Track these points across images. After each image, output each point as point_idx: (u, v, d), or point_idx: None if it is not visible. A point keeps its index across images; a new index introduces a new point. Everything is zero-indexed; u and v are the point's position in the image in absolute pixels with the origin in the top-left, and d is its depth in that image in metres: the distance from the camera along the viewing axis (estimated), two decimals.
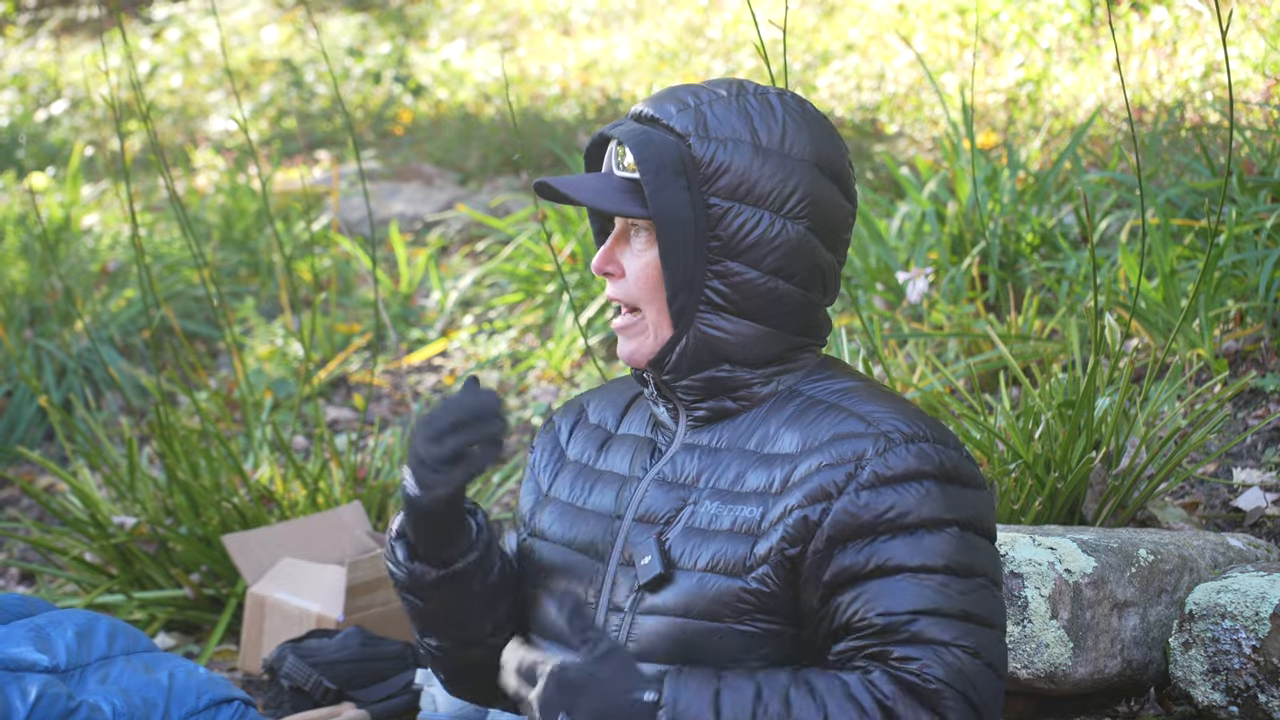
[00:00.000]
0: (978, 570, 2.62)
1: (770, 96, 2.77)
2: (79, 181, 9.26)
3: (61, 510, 5.37)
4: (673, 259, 2.73)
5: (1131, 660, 3.49)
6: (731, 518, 2.69)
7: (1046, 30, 8.96)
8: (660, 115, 2.76)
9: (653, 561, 2.71)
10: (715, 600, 2.67)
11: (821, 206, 2.75)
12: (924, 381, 5.00)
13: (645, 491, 2.80)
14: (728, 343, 2.75)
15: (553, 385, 6.71)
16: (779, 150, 2.73)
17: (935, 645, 2.54)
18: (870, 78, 9.42)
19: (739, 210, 2.71)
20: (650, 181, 2.71)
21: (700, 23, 11.29)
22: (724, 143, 2.71)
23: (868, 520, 2.60)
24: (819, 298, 2.78)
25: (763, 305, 2.73)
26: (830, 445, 2.66)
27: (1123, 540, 3.59)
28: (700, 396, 2.79)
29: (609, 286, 2.83)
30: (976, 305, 5.77)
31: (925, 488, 2.60)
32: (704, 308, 2.74)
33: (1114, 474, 4.14)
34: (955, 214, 6.16)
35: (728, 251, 2.72)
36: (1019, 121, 8.00)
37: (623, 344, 2.83)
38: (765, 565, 2.63)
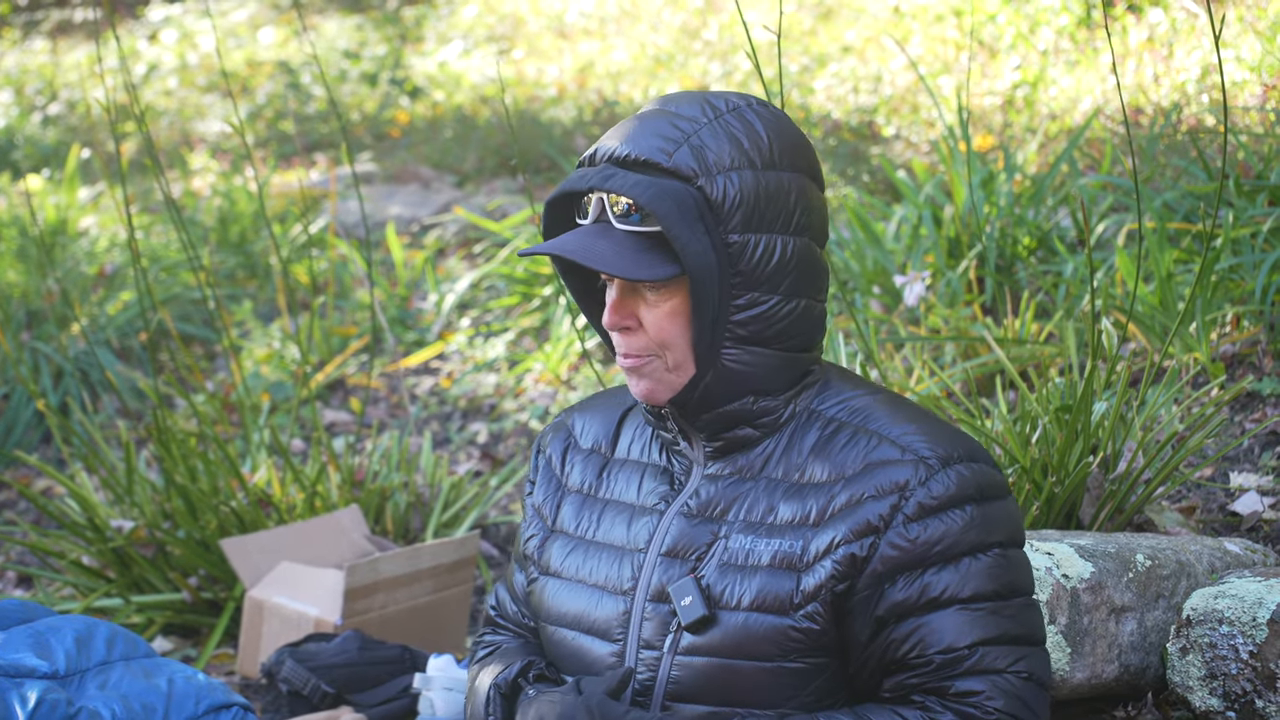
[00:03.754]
0: (1021, 588, 2.64)
1: (744, 111, 2.71)
2: (75, 184, 9.25)
3: (59, 514, 5.37)
4: (702, 305, 2.67)
5: (1129, 665, 3.49)
6: (770, 552, 2.66)
7: (1043, 32, 8.96)
8: (653, 157, 2.67)
9: (694, 603, 2.67)
10: (763, 639, 2.64)
11: (815, 212, 2.73)
12: (921, 385, 5.00)
13: (670, 524, 2.76)
14: (751, 375, 2.71)
15: (550, 388, 6.71)
16: (773, 167, 2.69)
17: (992, 675, 2.56)
18: (867, 80, 9.42)
19: (756, 240, 2.66)
20: (678, 236, 2.62)
21: (696, 25, 11.29)
22: (729, 175, 2.65)
23: (916, 553, 2.59)
24: (824, 301, 2.77)
25: (785, 329, 2.70)
26: (867, 475, 2.64)
27: (1120, 545, 3.59)
28: (721, 428, 2.75)
29: (622, 342, 2.75)
30: (973, 308, 5.78)
31: (968, 512, 2.60)
32: (729, 343, 2.69)
33: (1111, 478, 4.14)
34: (952, 217, 6.16)
35: (750, 284, 2.67)
36: (1015, 124, 8.00)
37: (636, 383, 2.76)
38: (814, 602, 2.62)
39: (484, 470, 6.17)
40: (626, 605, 2.75)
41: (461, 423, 6.71)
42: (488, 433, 6.52)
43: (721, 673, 2.66)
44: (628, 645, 2.74)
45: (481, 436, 6.50)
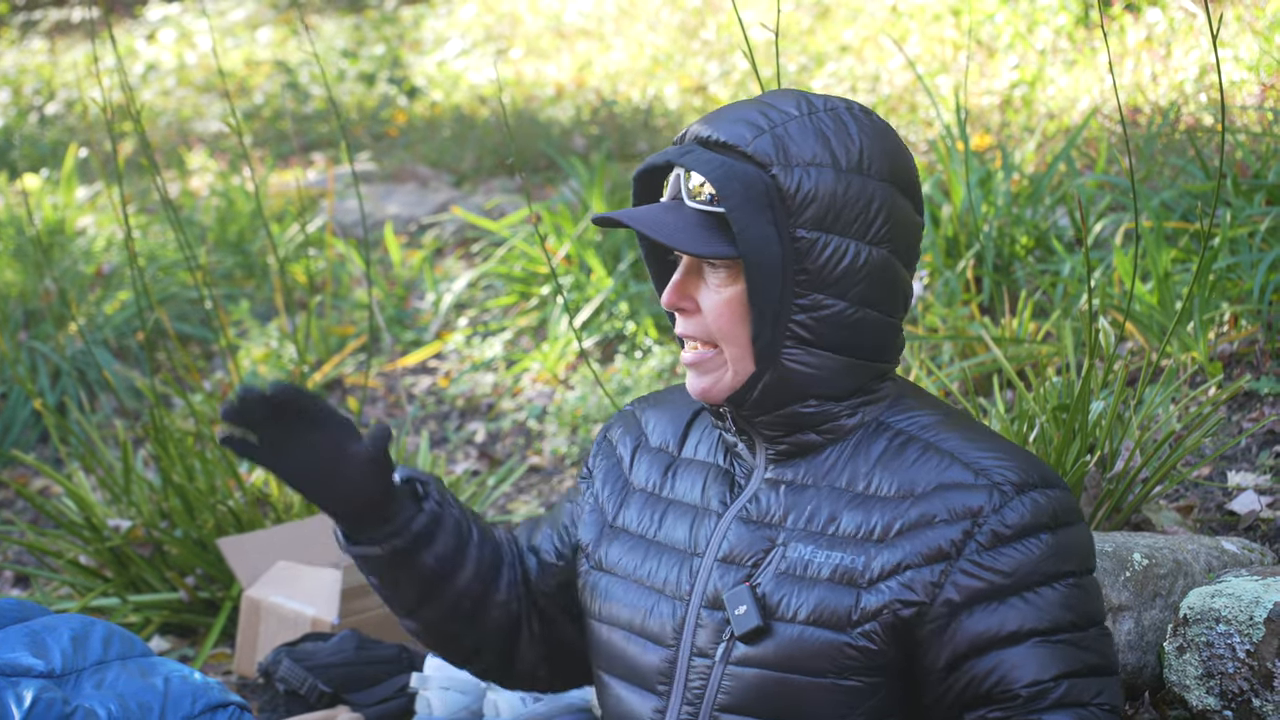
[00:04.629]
0: (1097, 616, 2.60)
1: (840, 112, 2.66)
2: (73, 183, 9.25)
3: (56, 513, 5.37)
4: (761, 296, 2.62)
5: (1126, 664, 3.49)
6: (830, 565, 2.61)
7: (1041, 32, 8.96)
8: (734, 141, 2.64)
9: (749, 612, 2.63)
10: (818, 655, 2.60)
11: (901, 227, 2.66)
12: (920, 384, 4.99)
13: (728, 529, 2.72)
14: (813, 377, 2.65)
15: (547, 388, 6.71)
16: (859, 172, 2.62)
17: (1078, 708, 2.53)
18: (865, 79, 9.42)
19: (826, 240, 2.60)
20: (738, 219, 2.58)
21: (695, 25, 11.29)
22: (807, 170, 2.60)
23: (993, 583, 2.55)
24: (900, 319, 2.71)
25: (850, 336, 2.64)
26: (938, 496, 2.59)
27: (1117, 544, 3.59)
28: (783, 432, 2.70)
29: (680, 323, 2.72)
30: (971, 308, 5.78)
31: (1043, 541, 2.55)
32: (789, 343, 2.64)
33: (1108, 477, 4.14)
34: (950, 216, 6.16)
35: (816, 284, 2.61)
36: (1013, 124, 8.01)
37: (694, 379, 2.72)
38: (874, 622, 2.58)
39: (481, 469, 6.17)
40: (682, 610, 2.72)
41: (459, 422, 6.71)
42: (485, 432, 6.52)
43: (773, 685, 2.62)
44: (680, 652, 2.70)
45: (479, 436, 6.51)
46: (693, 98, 9.87)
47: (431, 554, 2.86)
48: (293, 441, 2.72)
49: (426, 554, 2.85)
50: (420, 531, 2.83)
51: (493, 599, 2.94)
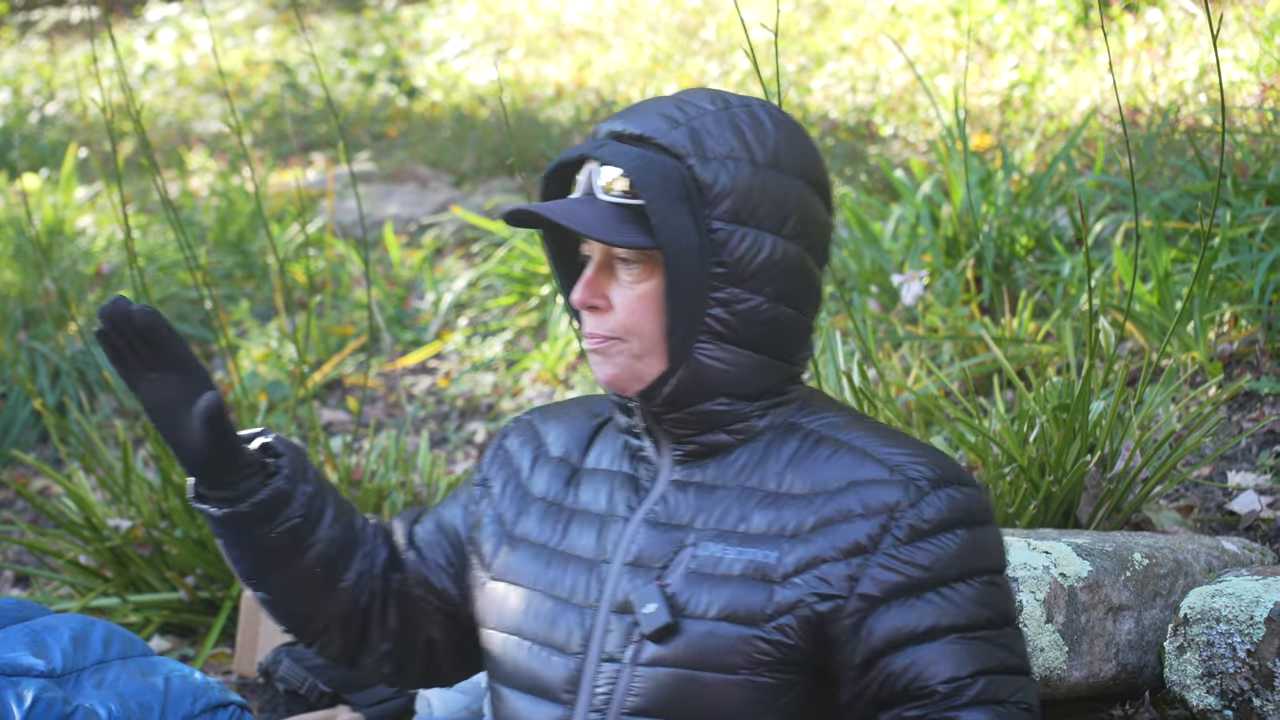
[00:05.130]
0: (1011, 615, 2.57)
1: (755, 109, 2.63)
2: (73, 184, 9.25)
3: (56, 513, 5.37)
4: (678, 289, 2.56)
5: (1126, 664, 3.50)
6: (743, 562, 2.55)
7: (1040, 32, 8.97)
8: (650, 133, 2.60)
9: (658, 610, 2.56)
10: (730, 650, 2.53)
11: (814, 224, 2.62)
12: (919, 384, 5.00)
13: (636, 533, 2.65)
14: (727, 374, 2.60)
15: (548, 387, 6.71)
16: (774, 167, 2.59)
17: (995, 705, 2.49)
18: (865, 79, 9.42)
19: (743, 234, 2.56)
20: (657, 209, 2.53)
21: (694, 25, 11.29)
22: (724, 162, 2.56)
23: (909, 578, 2.51)
24: (812, 319, 2.67)
25: (765, 333, 2.60)
26: (853, 492, 2.55)
27: (1118, 544, 3.60)
28: (693, 430, 2.64)
29: (589, 322, 2.63)
30: (971, 308, 5.78)
31: (960, 537, 2.51)
32: (705, 338, 2.58)
33: (1109, 477, 4.14)
34: (950, 216, 6.16)
35: (733, 278, 2.56)
36: (1013, 124, 8.01)
37: (602, 366, 2.64)
38: (788, 616, 2.52)
39: None
40: (590, 618, 2.64)
41: (459, 422, 6.71)
42: (485, 432, 6.52)
43: (684, 684, 2.55)
44: (587, 659, 2.62)
45: (479, 436, 6.51)
46: None
47: (274, 529, 2.77)
48: (151, 372, 2.70)
49: (268, 527, 2.77)
50: (263, 503, 2.76)
51: (338, 584, 2.85)
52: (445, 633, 2.90)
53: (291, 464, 2.79)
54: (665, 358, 2.61)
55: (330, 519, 2.83)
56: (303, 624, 2.90)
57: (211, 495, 2.77)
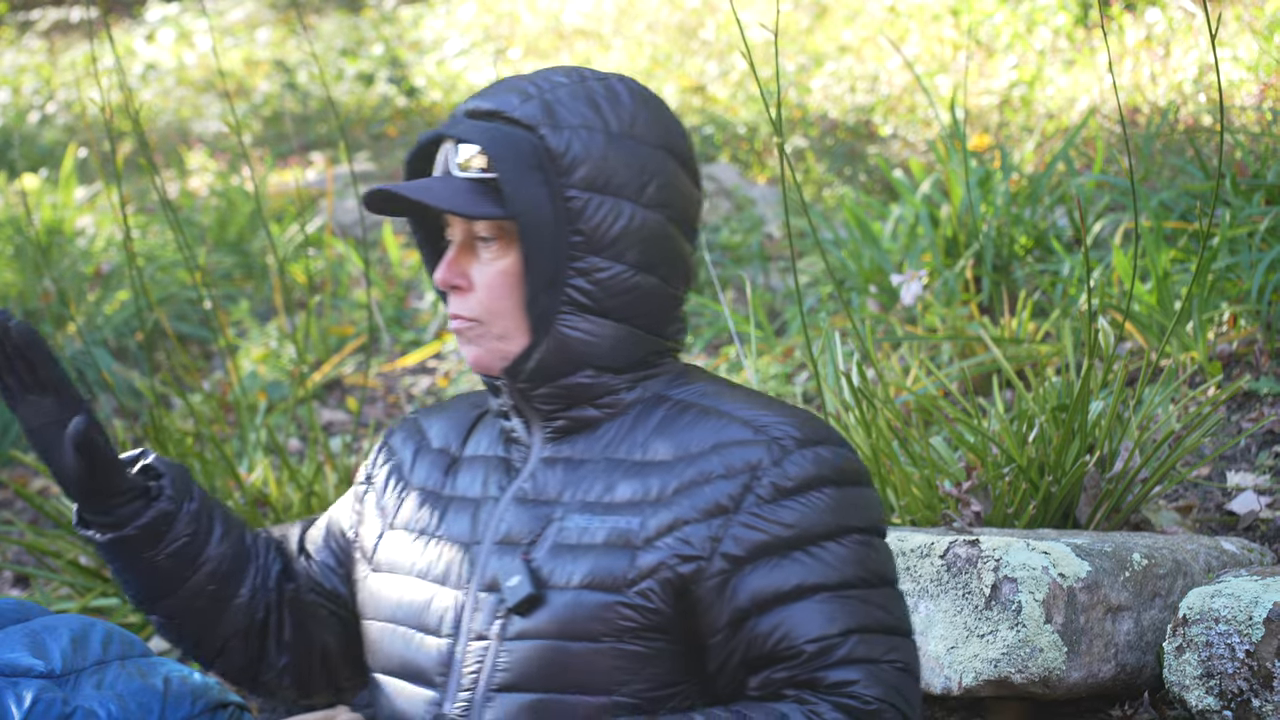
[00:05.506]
0: (888, 576, 2.53)
1: (612, 83, 2.63)
2: (72, 183, 9.25)
3: (56, 513, 5.36)
4: (535, 259, 2.55)
5: (1125, 664, 3.50)
6: (606, 530, 2.52)
7: (1040, 32, 8.97)
8: (503, 108, 2.59)
9: (521, 582, 2.54)
10: (594, 618, 2.50)
11: (676, 193, 2.61)
12: (918, 385, 5.00)
13: (505, 512, 2.62)
14: (591, 345, 2.58)
15: None
16: (630, 135, 2.58)
17: (867, 664, 2.44)
18: (864, 79, 9.42)
19: (600, 202, 2.55)
20: (509, 180, 2.52)
21: (694, 25, 11.30)
22: (576, 131, 2.55)
23: (775, 537, 2.47)
24: (680, 292, 2.65)
25: (628, 303, 2.57)
26: (715, 454, 2.52)
27: (1117, 544, 3.60)
28: (561, 405, 2.62)
29: (453, 302, 2.63)
30: (970, 308, 5.78)
31: (827, 495, 2.48)
32: (566, 309, 2.57)
33: (1108, 477, 4.14)
34: (949, 216, 6.16)
35: (591, 246, 2.55)
36: (1012, 123, 8.01)
37: (467, 348, 2.64)
38: (650, 580, 2.49)
39: None
40: (463, 598, 2.61)
41: None
42: None
43: (550, 655, 2.52)
44: (459, 639, 2.60)
45: None
46: (692, 97, 9.87)
47: (161, 551, 2.78)
48: (30, 393, 2.70)
49: (155, 550, 2.78)
50: (147, 526, 2.75)
51: (232, 600, 2.86)
52: (339, 639, 2.90)
53: (174, 484, 2.77)
54: (528, 332, 2.59)
55: (219, 536, 2.82)
56: (200, 644, 2.92)
57: (95, 521, 2.76)
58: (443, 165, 2.62)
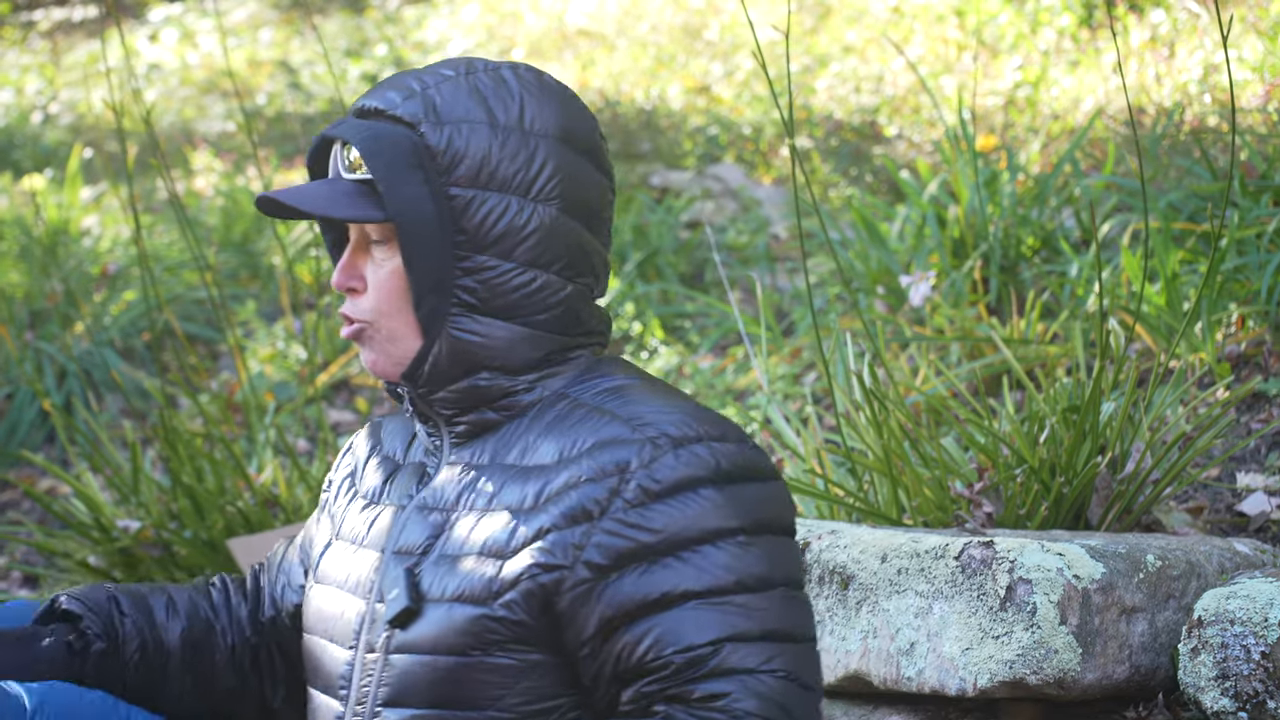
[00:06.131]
0: (775, 579, 2.39)
1: (503, 71, 2.55)
2: (78, 183, 9.26)
3: (64, 513, 5.37)
4: (418, 260, 2.48)
5: (1140, 666, 3.50)
6: (483, 539, 2.44)
7: (1044, 33, 8.97)
8: (384, 105, 2.52)
9: (399, 595, 2.47)
10: (463, 632, 2.42)
11: (574, 184, 2.52)
12: (927, 385, 5.00)
13: (406, 520, 2.56)
14: (485, 347, 2.50)
15: None
16: (519, 127, 2.50)
17: (741, 674, 2.32)
18: (869, 80, 9.43)
19: (483, 198, 2.47)
20: (385, 180, 2.47)
21: (698, 25, 11.30)
22: (458, 126, 2.49)
23: (641, 543, 2.36)
24: (586, 288, 2.56)
25: (520, 301, 2.50)
26: (589, 455, 2.42)
27: (1130, 546, 3.60)
28: (460, 410, 2.54)
29: (347, 305, 2.56)
30: (979, 309, 5.78)
31: (702, 496, 2.37)
32: (455, 310, 2.49)
33: (1119, 479, 4.15)
34: (956, 217, 6.17)
35: (476, 245, 2.48)
36: (1018, 124, 8.01)
37: (362, 353, 2.56)
38: (514, 591, 2.40)
39: None
40: (364, 609, 2.56)
41: None
42: None
43: (426, 671, 2.45)
44: (357, 651, 2.55)
45: None
46: (696, 98, 9.88)
47: (118, 680, 2.72)
48: None
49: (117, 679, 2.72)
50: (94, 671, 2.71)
51: (214, 669, 2.80)
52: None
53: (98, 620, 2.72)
54: (420, 335, 2.52)
55: (177, 631, 2.78)
56: (208, 713, 2.83)
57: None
58: (335, 166, 2.56)
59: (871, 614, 3.56)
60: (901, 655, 3.51)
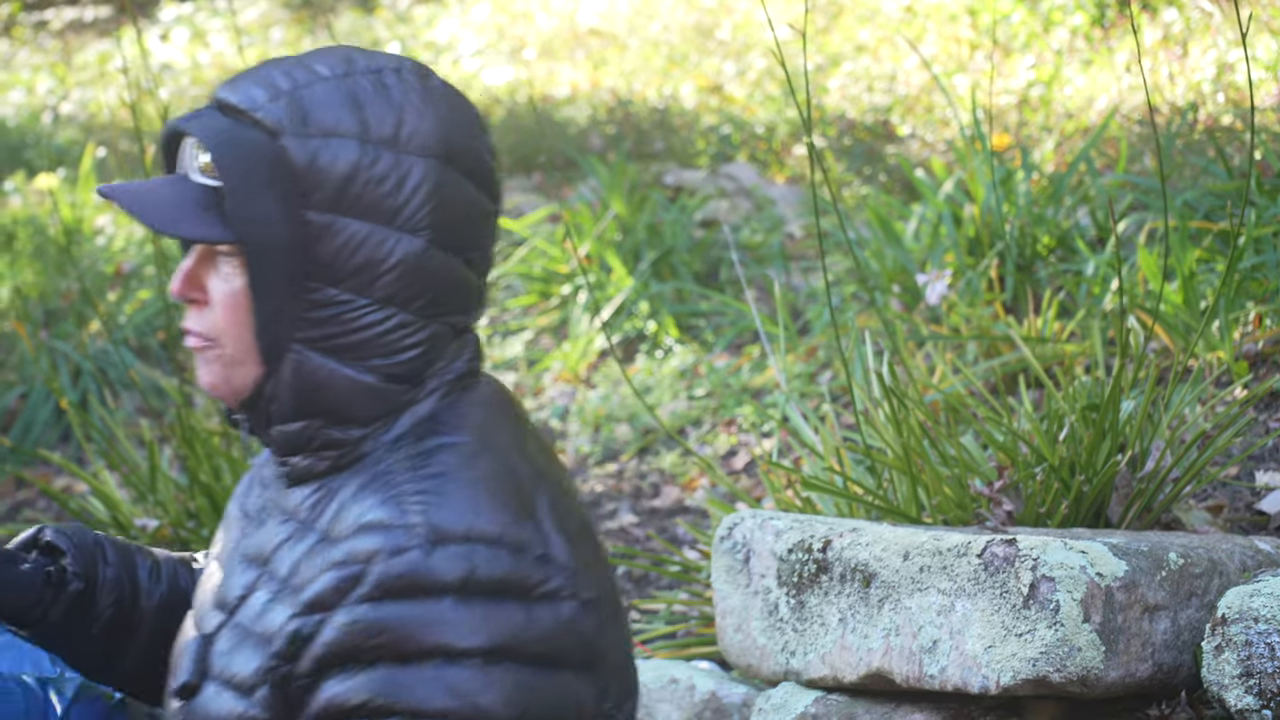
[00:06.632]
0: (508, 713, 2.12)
1: (386, 74, 2.26)
2: (91, 183, 9.26)
3: (81, 512, 5.38)
4: (263, 288, 2.22)
5: (1162, 664, 3.50)
6: (265, 618, 2.23)
7: (1057, 32, 8.97)
8: (246, 106, 2.24)
9: (186, 665, 2.29)
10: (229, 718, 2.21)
11: (450, 211, 2.24)
12: (945, 383, 5.00)
13: (231, 566, 2.35)
14: (323, 389, 2.25)
15: (569, 387, 6.72)
16: (393, 143, 2.22)
17: None
18: (881, 79, 9.43)
19: (342, 225, 2.20)
20: (235, 196, 2.19)
21: (710, 24, 11.30)
22: (326, 140, 2.20)
23: (361, 642, 2.12)
24: (449, 328, 2.29)
25: (369, 341, 2.23)
26: (353, 535, 2.16)
27: (1152, 544, 3.60)
28: (290, 451, 2.30)
29: (189, 316, 2.30)
30: (995, 307, 5.78)
31: (443, 604, 2.10)
32: (299, 345, 2.23)
33: (1139, 477, 4.15)
34: (972, 216, 6.17)
35: (328, 276, 2.21)
36: (1032, 123, 8.01)
37: (200, 371, 2.32)
38: (265, 686, 2.20)
39: None
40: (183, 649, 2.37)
41: None
42: None
43: None
44: (169, 703, 2.37)
45: None
46: (709, 97, 9.88)
47: (83, 630, 2.56)
48: None
49: (76, 630, 2.56)
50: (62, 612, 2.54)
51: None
52: None
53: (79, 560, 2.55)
54: (261, 362, 2.28)
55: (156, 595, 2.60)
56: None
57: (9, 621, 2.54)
58: (185, 162, 2.30)
59: (894, 612, 3.56)
60: (924, 653, 3.51)
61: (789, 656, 3.71)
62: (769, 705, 3.73)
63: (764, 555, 3.75)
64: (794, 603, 3.70)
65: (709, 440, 5.85)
